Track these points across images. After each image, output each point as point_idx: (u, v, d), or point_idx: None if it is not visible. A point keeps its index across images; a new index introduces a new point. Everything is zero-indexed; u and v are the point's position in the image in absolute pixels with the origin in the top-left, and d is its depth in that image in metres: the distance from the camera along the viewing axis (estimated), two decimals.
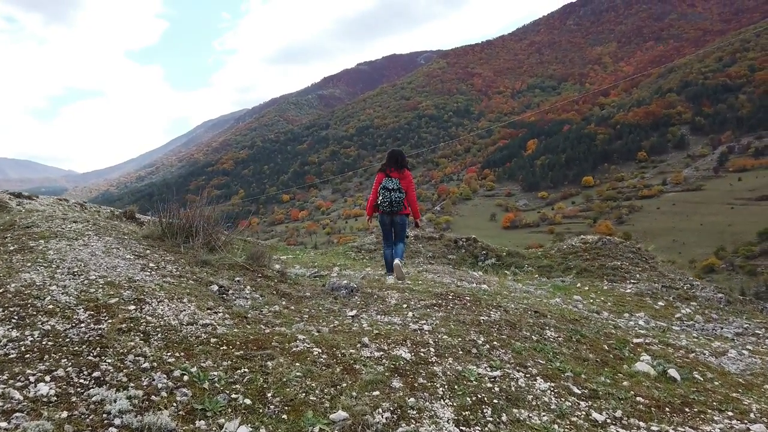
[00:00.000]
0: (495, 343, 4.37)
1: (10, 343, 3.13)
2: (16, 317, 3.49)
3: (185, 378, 3.13)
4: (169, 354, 3.39)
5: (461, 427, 3.01)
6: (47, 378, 2.83)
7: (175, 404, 2.80)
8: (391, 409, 3.06)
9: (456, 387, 3.50)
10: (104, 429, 2.47)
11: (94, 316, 3.69)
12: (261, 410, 2.90)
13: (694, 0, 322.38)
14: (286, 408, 2.95)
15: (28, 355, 3.03)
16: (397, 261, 6.63)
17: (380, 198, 6.49)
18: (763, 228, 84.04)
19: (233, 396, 2.98)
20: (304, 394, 3.15)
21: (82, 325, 3.55)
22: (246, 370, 3.35)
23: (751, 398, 4.08)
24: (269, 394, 3.09)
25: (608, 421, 3.35)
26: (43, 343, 3.19)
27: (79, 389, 2.87)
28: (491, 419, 3.15)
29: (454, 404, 3.26)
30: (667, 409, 3.66)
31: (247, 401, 2.94)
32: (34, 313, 3.57)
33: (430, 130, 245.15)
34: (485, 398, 3.41)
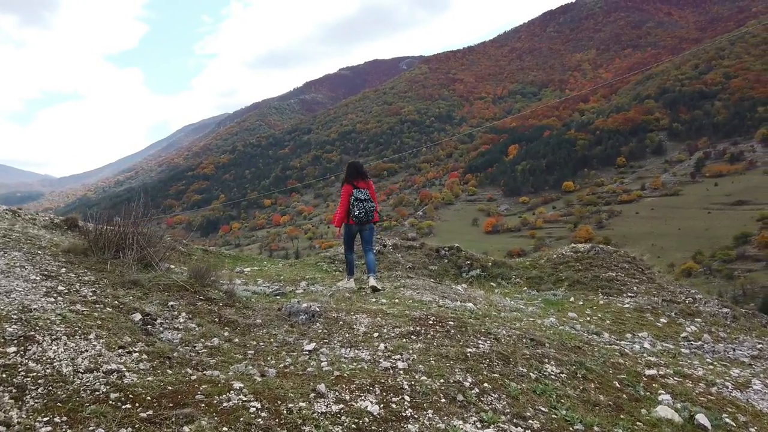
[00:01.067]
0: (485, 384, 3.53)
1: None
2: None
3: None
4: (45, 419, 2.48)
5: None
6: None
7: None
8: None
9: None
10: None
11: None
12: None
13: (670, 8, 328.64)
14: None
15: None
16: (372, 282, 6.53)
17: (356, 210, 6.56)
18: (740, 232, 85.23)
19: None
20: None
21: None
22: None
23: None
24: None
25: None
26: None
27: None
28: None
29: None
30: None
31: None
32: None
33: (412, 135, 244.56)
34: None
